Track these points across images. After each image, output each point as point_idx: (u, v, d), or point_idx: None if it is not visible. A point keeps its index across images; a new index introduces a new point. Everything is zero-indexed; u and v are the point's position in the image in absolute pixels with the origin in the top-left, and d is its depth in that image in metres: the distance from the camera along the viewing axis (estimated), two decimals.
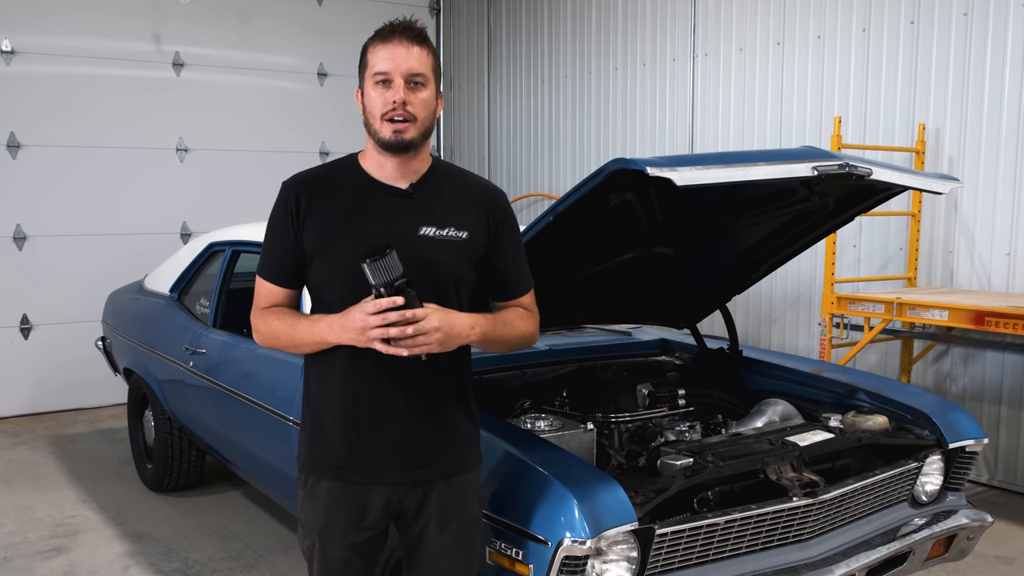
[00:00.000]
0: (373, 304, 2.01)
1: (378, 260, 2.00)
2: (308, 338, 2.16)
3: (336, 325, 2.09)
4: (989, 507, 3.90)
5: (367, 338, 2.03)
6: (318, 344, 2.15)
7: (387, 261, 2.00)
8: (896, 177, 2.89)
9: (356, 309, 2.04)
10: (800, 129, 6.07)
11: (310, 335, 2.15)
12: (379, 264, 2.00)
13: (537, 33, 8.22)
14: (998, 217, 5.14)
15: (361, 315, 2.02)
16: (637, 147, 7.25)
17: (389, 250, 2.02)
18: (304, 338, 2.16)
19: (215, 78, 7.73)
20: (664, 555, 2.54)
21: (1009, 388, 5.21)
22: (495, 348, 2.27)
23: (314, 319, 2.16)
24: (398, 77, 2.11)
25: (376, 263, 2.00)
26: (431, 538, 2.26)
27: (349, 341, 2.07)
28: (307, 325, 2.16)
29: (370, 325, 2.01)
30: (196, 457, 5.09)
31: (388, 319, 2.00)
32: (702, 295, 3.86)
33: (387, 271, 2.00)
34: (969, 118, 5.23)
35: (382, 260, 2.00)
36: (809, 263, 5.92)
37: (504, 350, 2.30)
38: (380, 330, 2.00)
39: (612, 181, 2.50)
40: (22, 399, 7.10)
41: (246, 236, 4.53)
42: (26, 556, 4.32)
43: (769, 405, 3.36)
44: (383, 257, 2.00)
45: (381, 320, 2.00)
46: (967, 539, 3.23)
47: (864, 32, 5.69)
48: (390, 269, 2.00)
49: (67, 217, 7.13)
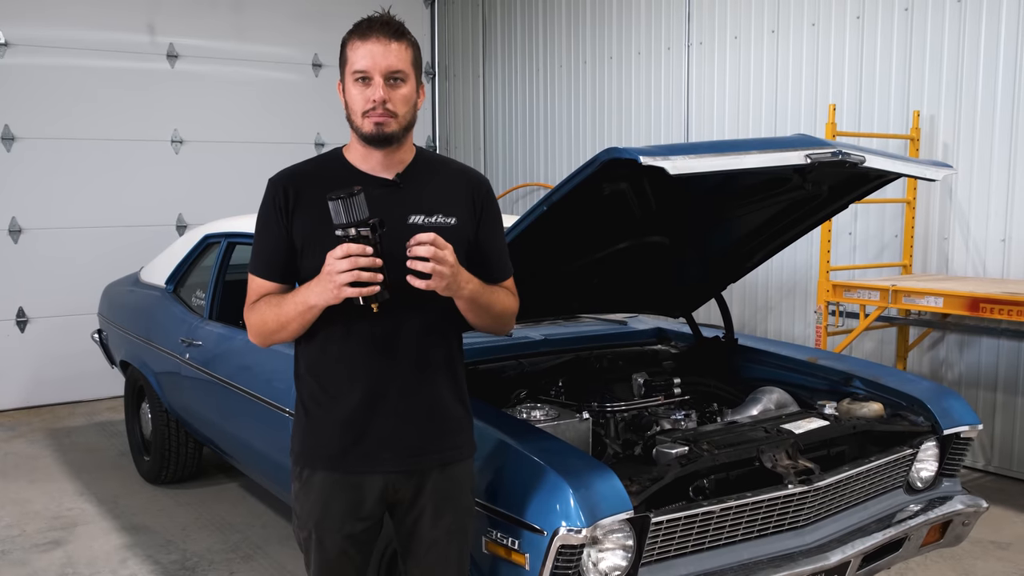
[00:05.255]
0: (342, 248, 1.96)
1: (344, 199, 1.94)
2: (292, 309, 2.12)
3: (311, 282, 2.06)
4: (985, 493, 3.92)
5: (335, 284, 1.98)
6: (301, 314, 2.11)
7: (354, 201, 1.94)
8: (889, 164, 2.90)
9: (328, 255, 1.99)
10: (795, 116, 6.07)
11: (292, 305, 2.11)
12: (346, 203, 1.94)
13: (532, 22, 8.20)
14: (992, 203, 5.15)
15: (330, 259, 1.98)
16: (632, 136, 7.25)
17: (358, 190, 1.96)
18: (289, 311, 2.12)
19: (210, 69, 7.71)
20: (660, 543, 2.55)
21: (1004, 374, 5.22)
22: (480, 315, 2.22)
23: (296, 290, 2.14)
24: (377, 75, 2.11)
25: (342, 201, 1.94)
26: (426, 528, 2.27)
27: (319, 295, 2.03)
28: (290, 297, 2.13)
29: (338, 269, 1.96)
30: (193, 449, 5.09)
31: (358, 263, 1.95)
32: (697, 284, 3.87)
33: (353, 211, 1.94)
34: (963, 105, 5.23)
35: (349, 199, 1.94)
36: (805, 251, 5.92)
37: (487, 321, 2.26)
38: (349, 274, 1.96)
39: (605, 170, 2.49)
40: (19, 392, 7.10)
41: (241, 228, 4.52)
42: (24, 549, 4.33)
43: (764, 393, 3.37)
44: (350, 196, 1.94)
45: (351, 264, 1.95)
46: (962, 525, 3.24)
47: (858, 19, 5.68)
48: (356, 210, 1.95)
49: (62, 210, 7.12)
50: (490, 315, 2.24)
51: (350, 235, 1.96)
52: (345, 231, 1.96)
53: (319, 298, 2.05)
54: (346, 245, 1.96)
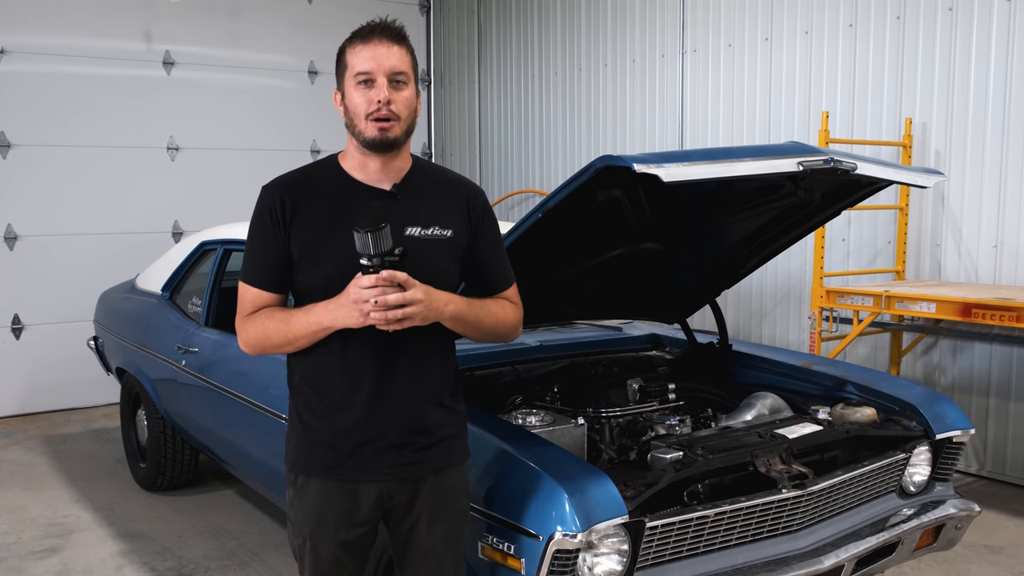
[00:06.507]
0: (370, 278, 1.97)
1: (372, 232, 1.95)
2: (303, 328, 2.12)
3: (332, 305, 2.06)
4: (978, 497, 3.93)
5: (362, 312, 2.00)
6: (314, 333, 2.12)
7: (381, 235, 1.96)
8: (881, 171, 2.92)
9: (351, 284, 2.01)
10: (788, 124, 6.11)
11: (305, 324, 2.11)
12: (374, 236, 1.95)
13: (527, 30, 8.23)
14: (984, 210, 5.18)
15: (356, 289, 1.99)
16: (627, 143, 7.27)
17: (384, 225, 1.97)
18: (299, 329, 2.13)
19: (206, 76, 7.73)
20: (655, 548, 2.57)
21: (997, 379, 5.25)
22: (473, 332, 2.24)
23: (307, 308, 2.12)
24: (381, 76, 2.11)
25: (371, 235, 1.95)
26: (421, 534, 2.27)
27: (344, 319, 2.04)
28: (302, 315, 2.13)
29: (364, 298, 1.98)
30: (189, 456, 5.09)
31: (387, 294, 1.97)
32: (692, 290, 3.88)
33: (380, 244, 1.96)
34: (955, 112, 5.26)
35: (377, 233, 1.95)
36: (799, 257, 5.95)
37: (483, 336, 2.27)
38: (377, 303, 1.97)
39: (600, 178, 2.51)
40: (14, 399, 7.09)
41: (237, 235, 4.53)
42: (20, 556, 4.33)
43: (758, 398, 3.38)
44: (378, 231, 1.96)
45: (379, 294, 1.97)
46: (955, 529, 3.25)
47: (851, 27, 5.72)
48: (383, 242, 1.96)
49: (58, 217, 7.13)
50: (481, 330, 2.25)
51: (374, 264, 1.98)
52: (371, 261, 1.97)
53: (342, 321, 2.05)
54: (375, 277, 1.97)
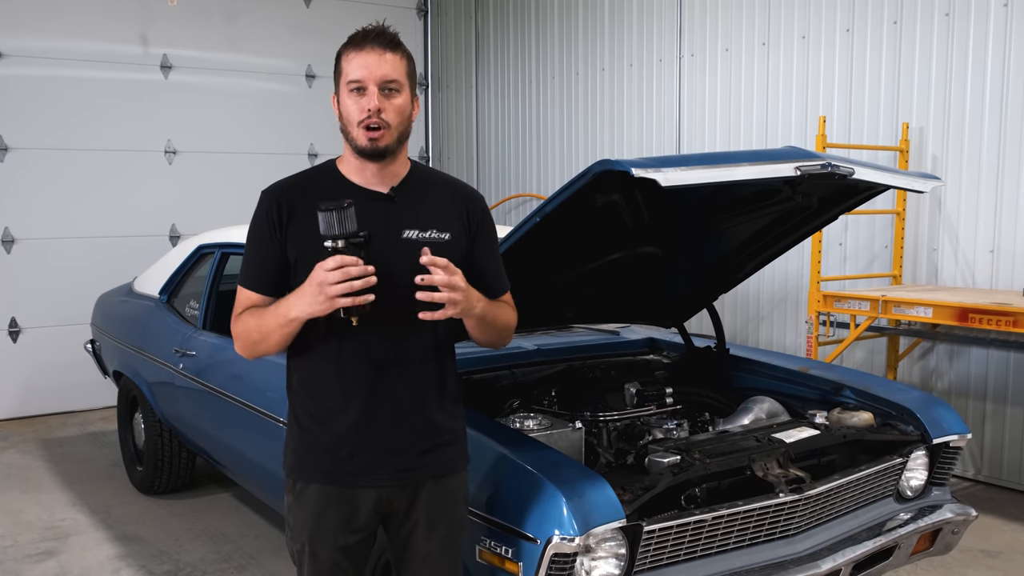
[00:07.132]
0: (333, 260, 1.94)
1: (335, 211, 1.92)
2: (273, 321, 2.10)
3: (295, 294, 2.04)
4: (975, 501, 3.94)
5: (327, 295, 1.95)
6: (282, 326, 2.09)
7: (345, 214, 1.93)
8: (878, 176, 2.93)
9: (316, 268, 1.97)
10: (785, 128, 6.12)
11: (274, 318, 2.10)
12: (338, 215, 1.92)
13: (524, 34, 8.24)
14: (981, 214, 5.19)
15: (320, 271, 1.96)
16: (624, 147, 7.29)
17: (348, 203, 1.95)
18: (270, 323, 2.11)
19: (203, 80, 7.72)
20: (652, 552, 2.57)
21: (993, 383, 5.26)
22: (486, 331, 2.24)
23: (279, 302, 2.11)
24: (372, 85, 2.11)
25: (334, 213, 1.92)
26: (420, 540, 2.27)
27: (308, 307, 2.00)
28: (272, 309, 2.12)
29: (330, 280, 1.94)
30: (186, 459, 5.09)
31: (350, 275, 1.93)
32: (689, 294, 3.89)
33: (344, 224, 1.93)
34: (952, 117, 5.28)
35: (340, 212, 1.93)
36: (796, 261, 5.96)
37: (492, 336, 2.28)
38: (342, 285, 1.93)
39: (598, 182, 2.51)
40: (11, 402, 7.08)
41: (235, 238, 4.53)
42: (16, 560, 4.32)
43: (756, 402, 3.39)
44: (341, 209, 1.93)
45: (343, 275, 1.94)
46: (952, 533, 3.26)
47: (848, 32, 5.74)
48: (347, 222, 1.93)
49: (55, 220, 7.12)
50: (495, 330, 2.26)
51: (339, 247, 1.94)
52: (334, 243, 1.95)
53: (304, 309, 2.02)
54: (339, 256, 1.94)
